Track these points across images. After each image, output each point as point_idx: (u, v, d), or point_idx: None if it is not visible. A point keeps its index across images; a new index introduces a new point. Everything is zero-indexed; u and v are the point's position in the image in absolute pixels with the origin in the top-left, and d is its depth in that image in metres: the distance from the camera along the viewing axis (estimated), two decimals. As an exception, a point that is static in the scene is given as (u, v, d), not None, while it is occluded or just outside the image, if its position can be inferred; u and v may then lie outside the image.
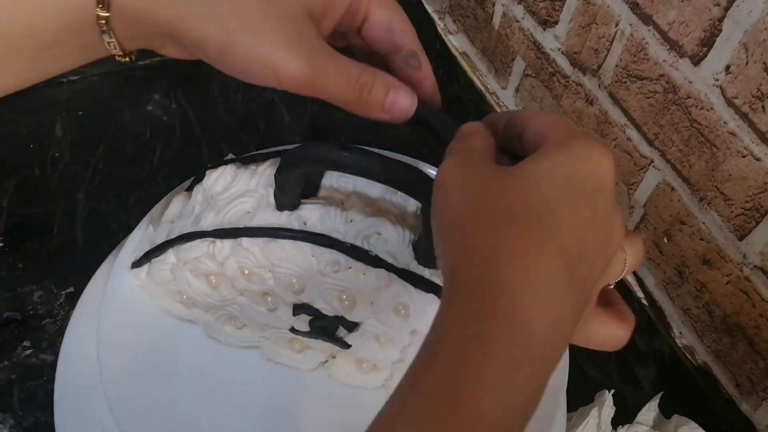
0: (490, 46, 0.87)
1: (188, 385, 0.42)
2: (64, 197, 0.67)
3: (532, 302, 0.26)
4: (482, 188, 0.29)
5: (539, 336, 0.26)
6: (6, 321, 0.58)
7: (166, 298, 0.44)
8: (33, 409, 0.53)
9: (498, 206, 0.28)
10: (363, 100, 0.34)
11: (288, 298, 0.41)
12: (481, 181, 0.29)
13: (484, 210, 0.28)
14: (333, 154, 0.35)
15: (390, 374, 0.44)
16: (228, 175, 0.42)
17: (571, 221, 0.28)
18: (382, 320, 0.40)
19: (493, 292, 0.26)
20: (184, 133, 0.75)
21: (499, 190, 0.28)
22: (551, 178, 0.28)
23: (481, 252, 0.27)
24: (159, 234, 0.43)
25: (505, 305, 0.26)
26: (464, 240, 0.28)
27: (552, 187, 0.28)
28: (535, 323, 0.26)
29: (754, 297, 0.58)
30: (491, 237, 0.27)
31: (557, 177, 0.28)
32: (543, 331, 0.26)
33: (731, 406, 0.62)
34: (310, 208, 0.39)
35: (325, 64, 0.33)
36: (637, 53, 0.63)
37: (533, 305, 0.26)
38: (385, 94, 0.34)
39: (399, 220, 0.40)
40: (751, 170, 0.55)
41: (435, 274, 0.39)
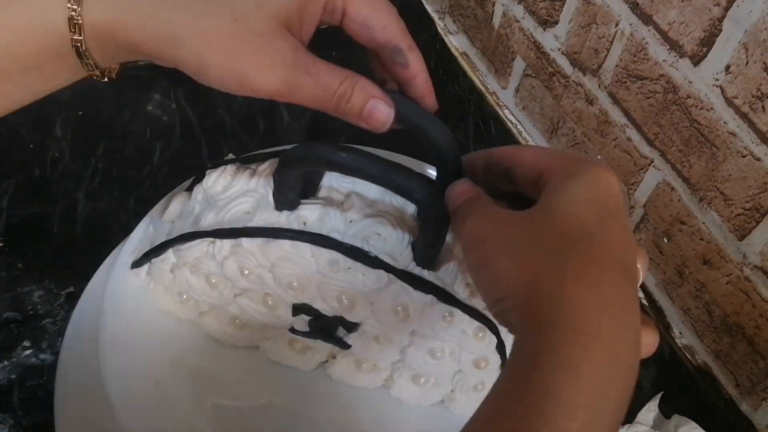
0: (490, 46, 0.87)
1: (188, 385, 0.42)
2: (64, 197, 0.67)
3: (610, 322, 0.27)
4: (523, 229, 0.30)
5: (622, 353, 0.27)
6: (6, 321, 0.58)
7: (166, 298, 0.44)
8: (33, 409, 0.53)
9: (546, 240, 0.29)
10: (341, 109, 0.34)
11: (288, 298, 0.41)
12: (517, 224, 0.30)
13: (534, 248, 0.29)
14: (330, 154, 0.35)
15: (390, 374, 0.44)
16: (228, 175, 0.42)
17: (614, 238, 0.29)
18: (381, 321, 0.40)
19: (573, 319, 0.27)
20: (184, 133, 0.75)
21: (539, 226, 0.29)
22: (577, 205, 0.29)
23: (551, 285, 0.28)
24: (159, 234, 0.43)
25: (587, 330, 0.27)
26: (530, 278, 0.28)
27: (583, 213, 0.29)
28: (616, 344, 0.27)
29: (754, 297, 0.58)
30: (556, 269, 0.28)
31: (582, 203, 0.29)
32: (624, 351, 0.27)
33: (731, 406, 0.62)
34: (309, 208, 0.39)
35: (301, 78, 0.33)
36: (637, 53, 0.63)
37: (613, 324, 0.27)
38: (364, 104, 0.34)
39: (398, 221, 0.40)
40: (751, 170, 0.55)
41: (434, 275, 0.39)
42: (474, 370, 0.42)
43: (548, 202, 0.30)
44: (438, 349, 0.41)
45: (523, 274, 0.29)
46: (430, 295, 0.38)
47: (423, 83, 0.37)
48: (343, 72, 0.34)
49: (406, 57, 0.36)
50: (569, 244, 0.28)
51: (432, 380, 0.43)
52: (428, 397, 0.44)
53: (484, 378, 0.43)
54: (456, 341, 0.41)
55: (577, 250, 0.28)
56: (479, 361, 0.41)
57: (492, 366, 0.42)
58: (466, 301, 0.39)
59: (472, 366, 0.42)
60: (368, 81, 0.35)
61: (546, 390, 0.26)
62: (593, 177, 0.30)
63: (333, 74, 0.34)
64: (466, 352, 0.41)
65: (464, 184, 0.35)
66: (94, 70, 0.34)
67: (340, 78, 0.34)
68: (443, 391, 0.44)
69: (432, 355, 0.41)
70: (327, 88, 0.33)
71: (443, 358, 0.41)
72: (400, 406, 0.45)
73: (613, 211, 0.30)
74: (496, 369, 0.42)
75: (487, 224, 0.31)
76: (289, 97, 0.33)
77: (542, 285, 0.28)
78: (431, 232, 0.37)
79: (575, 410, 0.26)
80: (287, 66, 0.32)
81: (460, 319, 0.39)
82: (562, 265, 0.28)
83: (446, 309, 0.39)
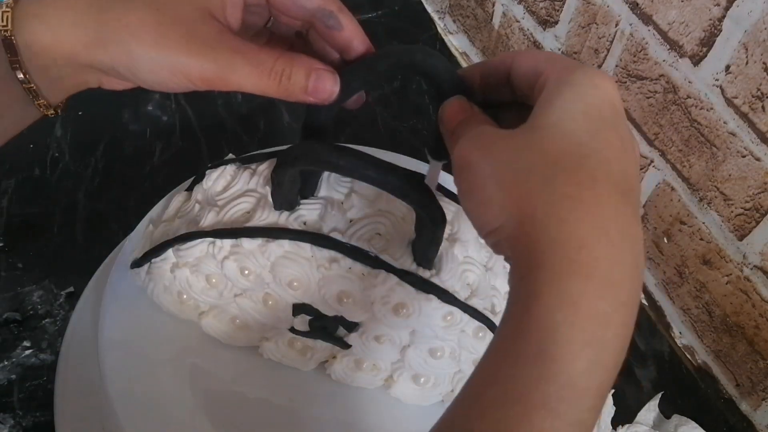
0: (490, 46, 0.87)
1: (188, 385, 0.42)
2: (64, 197, 0.67)
3: (608, 251, 0.26)
4: (511, 152, 0.28)
5: (622, 283, 0.26)
6: (6, 321, 0.58)
7: (166, 298, 0.44)
8: (33, 409, 0.53)
9: (536, 163, 0.27)
10: (283, 87, 0.33)
11: (288, 298, 0.41)
12: (506, 147, 0.28)
13: (524, 171, 0.27)
14: (326, 155, 0.35)
15: (390, 374, 0.44)
16: (228, 175, 0.42)
17: (609, 153, 0.27)
18: (381, 320, 0.40)
19: (568, 250, 0.26)
20: (184, 133, 0.75)
21: (529, 148, 0.28)
22: (571, 118, 0.28)
23: (543, 213, 0.26)
24: (159, 234, 0.43)
25: (583, 261, 0.25)
26: (519, 207, 0.27)
27: (577, 127, 0.27)
28: (616, 273, 0.26)
29: (754, 297, 0.58)
30: (546, 195, 0.26)
31: (576, 115, 0.28)
32: (624, 276, 0.26)
33: (731, 406, 0.62)
34: (309, 208, 0.39)
35: (231, 58, 0.32)
36: (637, 53, 0.63)
37: (610, 253, 0.26)
38: (306, 78, 0.33)
39: (399, 221, 0.40)
40: (751, 170, 0.55)
41: (434, 275, 0.39)
42: (474, 370, 0.42)
43: (539, 118, 0.28)
44: (438, 349, 0.41)
45: (513, 202, 0.27)
46: (430, 295, 0.38)
47: (361, 45, 0.36)
48: (277, 51, 0.33)
49: (338, 19, 0.35)
50: (561, 166, 0.27)
51: (432, 380, 0.43)
52: (428, 397, 0.44)
53: (484, 378, 0.43)
54: (456, 341, 0.41)
55: (570, 172, 0.26)
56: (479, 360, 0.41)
57: (492, 366, 0.41)
58: (466, 301, 0.39)
59: (472, 366, 0.42)
60: (304, 55, 0.34)
61: (546, 331, 0.25)
62: (588, 84, 0.28)
63: (264, 52, 0.33)
64: (466, 352, 0.41)
65: (457, 103, 0.33)
66: (38, 98, 0.34)
67: (274, 56, 0.33)
68: (443, 391, 0.44)
69: (432, 355, 0.41)
70: (260, 64, 0.33)
71: (443, 358, 0.41)
72: (400, 406, 0.45)
73: (610, 120, 0.28)
74: (496, 369, 0.42)
75: (474, 148, 0.29)
76: (225, 80, 0.32)
77: (533, 214, 0.26)
78: (428, 232, 0.37)
79: (579, 349, 0.25)
80: (215, 49, 0.32)
81: (460, 318, 0.39)
82: (554, 191, 0.26)
83: (446, 309, 0.39)
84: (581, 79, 0.28)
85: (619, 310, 0.26)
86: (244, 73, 0.32)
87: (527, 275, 0.26)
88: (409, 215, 0.41)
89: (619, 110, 0.29)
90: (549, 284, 0.25)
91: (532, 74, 0.31)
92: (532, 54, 0.32)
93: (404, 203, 0.41)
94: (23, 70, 0.32)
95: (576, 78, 0.28)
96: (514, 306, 0.27)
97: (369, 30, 0.37)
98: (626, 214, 0.27)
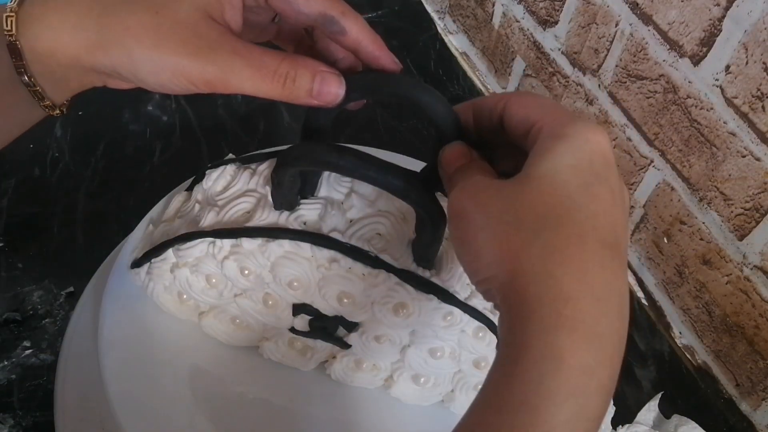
0: (490, 46, 0.87)
1: (188, 385, 0.42)
2: (64, 197, 0.67)
3: (593, 305, 0.27)
4: (502, 204, 0.29)
5: (607, 337, 0.27)
6: (6, 321, 0.58)
7: (166, 298, 0.44)
8: (33, 409, 0.53)
9: (525, 216, 0.28)
10: (287, 90, 0.33)
11: (288, 298, 0.41)
12: (497, 198, 0.29)
13: (514, 224, 0.28)
14: (325, 155, 0.35)
15: (390, 374, 0.44)
16: (228, 175, 0.42)
17: (598, 206, 0.28)
18: (381, 320, 0.40)
19: (555, 304, 0.27)
20: (184, 133, 0.75)
21: (519, 201, 0.28)
22: (561, 171, 0.28)
23: (531, 267, 0.27)
24: (159, 234, 0.43)
25: (569, 314, 0.26)
26: (509, 260, 0.28)
27: (567, 181, 0.28)
28: (601, 326, 0.27)
29: (754, 297, 0.58)
30: (535, 249, 0.27)
31: (567, 168, 0.28)
32: (609, 330, 0.27)
33: (731, 406, 0.62)
34: (309, 208, 0.39)
35: (232, 61, 0.32)
36: (637, 53, 0.63)
37: (595, 307, 0.27)
38: (311, 81, 0.33)
39: (399, 221, 0.40)
40: (751, 170, 0.55)
41: (434, 275, 0.39)
42: (474, 370, 0.42)
43: (531, 171, 0.29)
44: (438, 349, 0.41)
45: (504, 254, 0.28)
46: (430, 295, 0.38)
47: (371, 44, 0.35)
48: (281, 53, 0.33)
49: (341, 24, 0.34)
50: (549, 220, 0.27)
51: (432, 380, 0.43)
52: (428, 397, 0.44)
53: (483, 378, 0.43)
54: (456, 341, 0.41)
55: (558, 227, 0.27)
56: (479, 361, 0.41)
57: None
58: (466, 301, 0.39)
59: (472, 366, 0.42)
60: (309, 58, 0.34)
61: (532, 382, 0.26)
62: (580, 138, 0.29)
63: (268, 55, 0.33)
64: (466, 352, 0.41)
65: (458, 149, 0.34)
66: (43, 100, 0.34)
67: (278, 58, 0.33)
68: (443, 391, 0.44)
69: (432, 355, 0.41)
70: (263, 67, 0.32)
71: (443, 358, 0.41)
72: (400, 406, 0.45)
73: (601, 173, 0.29)
74: (496, 369, 0.42)
75: (467, 198, 0.30)
76: (226, 83, 0.32)
77: (523, 266, 0.27)
78: (427, 232, 0.37)
79: (563, 400, 0.26)
80: (215, 50, 0.32)
81: (460, 318, 0.39)
82: (542, 246, 0.27)
83: (446, 309, 0.39)
84: (573, 132, 0.29)
85: (604, 363, 0.27)
86: (246, 76, 0.32)
87: (516, 326, 0.27)
88: (409, 215, 0.41)
89: (610, 162, 0.29)
90: (536, 337, 0.26)
91: (524, 122, 0.31)
92: (524, 100, 0.32)
93: (404, 203, 0.41)
94: (28, 73, 0.32)
95: (568, 132, 0.29)
96: (503, 355, 0.28)
97: (369, 30, 0.36)
98: (612, 267, 0.28)
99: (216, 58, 0.32)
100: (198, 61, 0.32)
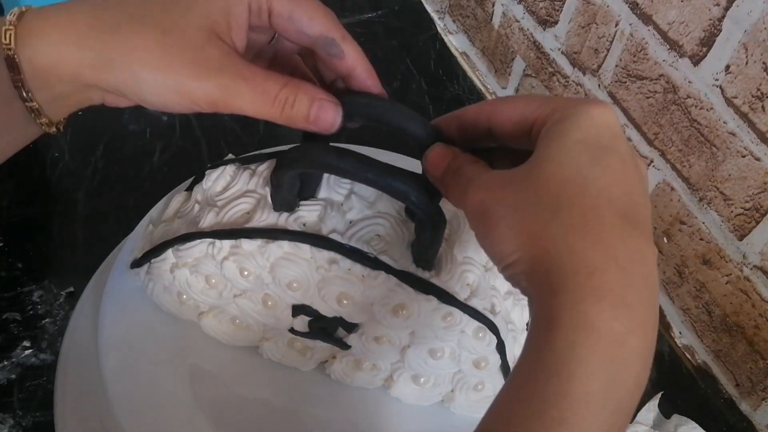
0: (490, 46, 0.87)
1: (188, 385, 0.42)
2: (64, 197, 0.67)
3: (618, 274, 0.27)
4: (518, 192, 0.29)
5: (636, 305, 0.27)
6: (6, 321, 0.58)
7: (166, 298, 0.44)
8: (33, 409, 0.53)
9: (541, 201, 0.28)
10: (286, 114, 0.34)
11: (287, 299, 0.41)
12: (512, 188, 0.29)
13: (531, 210, 0.28)
14: (324, 157, 0.35)
15: (390, 374, 0.44)
16: (227, 175, 0.42)
17: (610, 178, 0.28)
18: (381, 321, 0.40)
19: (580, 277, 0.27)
20: (184, 133, 0.75)
21: (533, 185, 0.29)
22: (568, 150, 0.29)
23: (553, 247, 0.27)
24: (159, 234, 0.43)
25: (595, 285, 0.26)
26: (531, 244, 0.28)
27: (576, 157, 0.28)
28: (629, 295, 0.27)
29: (754, 297, 0.58)
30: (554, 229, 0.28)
31: (574, 145, 0.29)
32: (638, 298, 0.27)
33: (731, 406, 0.62)
34: (309, 209, 0.39)
35: (236, 84, 0.32)
36: (636, 53, 0.63)
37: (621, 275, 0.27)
38: (309, 107, 0.34)
39: (398, 222, 0.40)
40: (750, 170, 0.55)
41: (434, 276, 0.39)
42: (474, 370, 0.42)
43: (540, 153, 0.29)
44: (438, 349, 0.41)
45: (525, 238, 0.28)
46: (429, 296, 0.38)
47: (364, 72, 0.36)
48: (283, 77, 0.34)
49: (340, 47, 0.35)
50: (564, 199, 0.28)
51: (432, 380, 0.43)
52: (428, 397, 0.44)
53: (484, 378, 0.43)
54: (456, 341, 0.41)
55: (573, 204, 0.28)
56: (479, 361, 0.41)
57: (492, 366, 0.41)
58: (465, 302, 0.39)
59: (472, 366, 0.42)
60: (310, 84, 0.35)
61: (564, 351, 0.26)
62: (584, 115, 0.29)
63: (271, 79, 0.33)
64: (466, 352, 0.41)
65: (438, 151, 0.34)
66: (40, 117, 0.33)
67: (280, 83, 0.33)
68: (443, 391, 0.44)
69: (432, 356, 0.41)
70: (265, 92, 0.33)
71: (443, 358, 0.41)
72: (400, 406, 0.45)
73: (609, 144, 0.29)
74: (496, 369, 0.42)
75: (485, 196, 0.30)
76: (229, 105, 0.33)
77: (545, 247, 0.28)
78: (427, 233, 0.37)
79: (595, 367, 0.26)
80: (221, 72, 0.32)
81: (459, 319, 0.39)
82: (561, 225, 0.27)
83: (446, 309, 0.39)
84: (576, 111, 0.29)
85: (635, 331, 0.27)
86: (248, 100, 0.33)
87: (544, 303, 0.28)
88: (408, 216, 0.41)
89: (617, 134, 0.30)
90: (565, 308, 0.27)
91: (521, 124, 0.32)
92: (511, 104, 0.32)
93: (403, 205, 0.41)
94: (26, 88, 0.32)
95: (571, 112, 0.30)
96: (535, 331, 0.28)
97: (369, 30, 0.37)
98: (633, 236, 0.28)
99: (222, 80, 0.32)
100: (204, 83, 0.32)
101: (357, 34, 0.36)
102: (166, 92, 0.32)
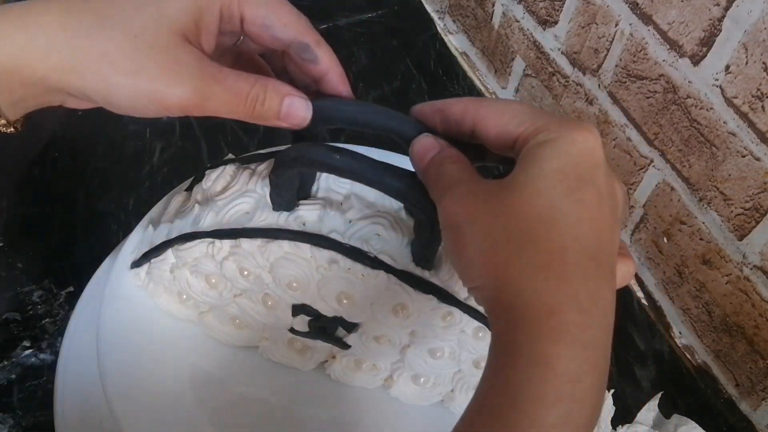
0: (490, 46, 0.87)
1: (188, 384, 0.42)
2: (64, 197, 0.67)
3: (578, 316, 0.27)
4: (489, 217, 0.29)
5: (592, 346, 0.27)
6: (6, 321, 0.58)
7: (166, 298, 0.44)
8: (33, 409, 0.53)
9: (510, 232, 0.28)
10: (257, 113, 0.34)
11: (287, 298, 0.41)
12: (485, 210, 0.29)
13: (499, 241, 0.28)
14: (322, 156, 0.35)
15: (390, 374, 0.44)
16: (227, 175, 0.42)
17: (583, 214, 0.28)
18: (381, 321, 0.40)
19: (541, 316, 0.27)
20: (184, 133, 0.75)
21: (504, 214, 0.29)
22: (547, 178, 0.29)
23: (517, 282, 0.28)
24: (159, 234, 0.43)
25: (554, 326, 0.27)
26: (496, 274, 0.28)
27: (551, 187, 0.28)
28: (586, 336, 0.27)
29: (754, 297, 0.58)
30: (520, 266, 0.28)
31: (552, 175, 0.29)
32: (594, 339, 0.28)
33: (731, 406, 0.62)
34: (308, 208, 0.39)
35: (210, 87, 0.32)
36: (636, 53, 0.63)
37: (580, 318, 0.27)
38: (279, 104, 0.34)
39: (398, 222, 0.40)
40: (750, 170, 0.55)
41: (433, 275, 0.39)
42: (474, 370, 0.42)
43: (517, 177, 0.29)
44: (438, 349, 0.41)
45: (490, 267, 0.29)
46: (429, 295, 0.38)
47: (337, 77, 0.36)
48: (252, 76, 0.34)
49: (314, 52, 0.35)
50: (533, 235, 0.28)
51: (432, 380, 0.43)
52: (428, 397, 0.44)
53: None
54: (456, 341, 0.41)
55: (541, 241, 0.28)
56: (479, 361, 0.41)
57: (492, 366, 0.41)
58: (465, 301, 0.39)
59: (472, 366, 0.42)
60: (279, 81, 0.35)
61: (520, 387, 0.27)
62: (566, 141, 0.29)
63: (242, 79, 0.33)
64: (465, 352, 0.41)
65: (425, 140, 0.34)
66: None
67: (250, 82, 0.33)
68: (443, 391, 0.44)
69: (432, 355, 0.41)
70: (238, 92, 0.33)
71: (443, 358, 0.41)
72: (400, 406, 0.45)
73: (586, 176, 0.29)
74: (495, 369, 0.42)
75: (460, 210, 0.30)
76: (202, 108, 0.33)
77: (508, 280, 0.28)
78: (426, 232, 0.37)
79: (550, 404, 0.26)
80: (194, 76, 0.32)
81: (459, 319, 0.39)
82: (527, 262, 0.28)
83: (446, 309, 0.39)
84: (558, 136, 0.29)
85: (591, 372, 0.27)
86: (222, 101, 0.33)
87: (504, 335, 0.28)
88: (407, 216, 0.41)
89: (597, 162, 0.29)
90: (524, 345, 0.27)
91: (504, 136, 0.31)
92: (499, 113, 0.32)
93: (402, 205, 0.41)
94: None
95: (552, 136, 0.29)
96: (493, 362, 0.29)
97: (369, 30, 0.37)
98: (596, 278, 0.28)
99: (195, 84, 0.32)
100: (176, 88, 0.32)
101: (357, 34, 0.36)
102: (137, 97, 0.32)
